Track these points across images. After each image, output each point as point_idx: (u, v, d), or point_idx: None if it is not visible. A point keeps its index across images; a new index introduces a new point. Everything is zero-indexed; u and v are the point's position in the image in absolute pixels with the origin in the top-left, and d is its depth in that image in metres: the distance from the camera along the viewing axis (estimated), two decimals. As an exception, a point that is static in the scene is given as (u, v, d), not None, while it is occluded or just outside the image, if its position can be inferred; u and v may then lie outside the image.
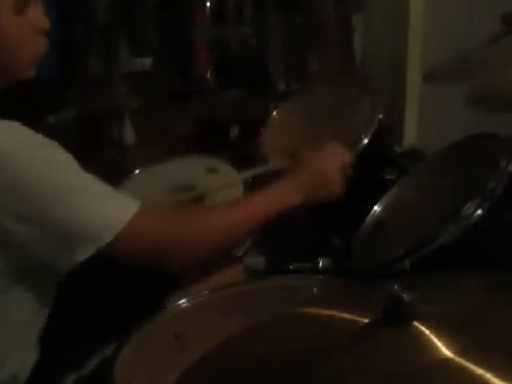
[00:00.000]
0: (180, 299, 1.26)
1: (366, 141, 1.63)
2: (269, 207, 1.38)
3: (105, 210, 1.19)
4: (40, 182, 1.15)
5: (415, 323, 0.72)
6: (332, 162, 1.48)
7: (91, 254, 1.17)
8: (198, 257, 1.30)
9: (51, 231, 1.17)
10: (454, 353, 0.68)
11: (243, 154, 1.94)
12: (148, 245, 1.23)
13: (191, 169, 1.83)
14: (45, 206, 1.16)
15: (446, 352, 0.68)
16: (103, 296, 1.28)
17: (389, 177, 1.64)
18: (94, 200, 1.19)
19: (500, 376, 0.64)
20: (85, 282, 1.24)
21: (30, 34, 1.23)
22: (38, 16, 1.23)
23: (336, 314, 0.84)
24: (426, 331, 0.71)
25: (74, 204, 1.17)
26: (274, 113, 1.90)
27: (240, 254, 1.60)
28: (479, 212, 1.23)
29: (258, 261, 1.60)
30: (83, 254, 1.17)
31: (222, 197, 1.66)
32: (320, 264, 1.49)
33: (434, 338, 0.70)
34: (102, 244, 1.17)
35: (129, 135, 2.51)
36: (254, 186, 1.69)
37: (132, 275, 1.39)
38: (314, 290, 1.29)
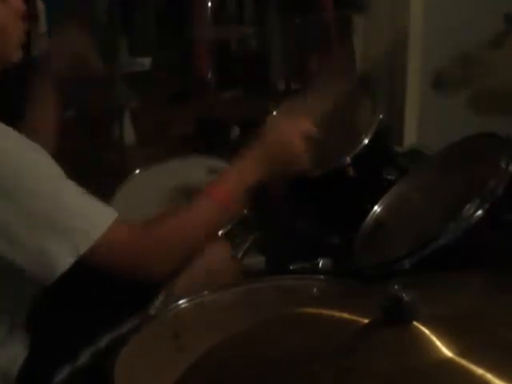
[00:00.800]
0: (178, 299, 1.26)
1: (366, 141, 1.63)
2: (234, 191, 1.35)
3: (83, 218, 1.18)
4: (20, 186, 1.14)
5: (415, 323, 0.71)
6: (294, 133, 1.42)
7: (68, 264, 1.16)
8: (176, 262, 1.29)
9: (28, 239, 1.15)
10: (454, 353, 0.68)
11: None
12: (126, 253, 1.22)
13: (191, 169, 1.83)
14: (23, 211, 1.14)
15: (446, 352, 0.68)
16: (96, 286, 1.27)
17: (389, 177, 1.64)
18: (71, 207, 1.18)
19: (500, 376, 0.64)
20: (76, 273, 1.23)
21: (12, 18, 1.25)
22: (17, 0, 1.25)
23: (336, 314, 0.84)
24: (426, 331, 0.71)
25: (52, 208, 1.16)
26: (274, 113, 1.90)
27: (240, 254, 1.60)
28: (479, 212, 1.23)
29: (257, 261, 1.60)
30: (61, 266, 1.16)
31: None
32: (320, 264, 1.49)
33: (434, 338, 0.70)
34: (78, 253, 1.16)
35: (129, 135, 2.51)
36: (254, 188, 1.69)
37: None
38: (314, 290, 1.29)
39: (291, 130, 1.43)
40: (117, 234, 1.20)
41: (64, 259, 1.16)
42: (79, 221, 1.17)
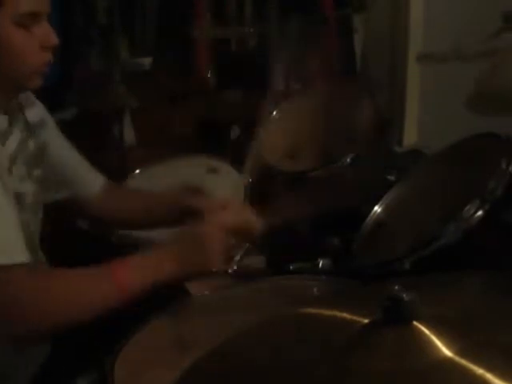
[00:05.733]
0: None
1: (366, 141, 1.63)
2: (136, 279, 1.21)
3: None
4: None
5: (415, 323, 0.72)
6: (216, 230, 1.28)
7: None
8: (58, 322, 1.18)
9: None
10: (454, 353, 0.68)
11: (243, 154, 1.94)
12: (17, 296, 1.15)
13: (191, 169, 1.84)
14: None
15: (446, 352, 0.68)
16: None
17: (389, 177, 1.64)
18: None
19: (500, 376, 0.65)
20: None
21: (32, 47, 1.23)
22: (46, 33, 1.24)
23: (336, 314, 0.84)
24: (426, 331, 0.71)
25: None
26: (274, 113, 1.90)
27: (239, 255, 1.60)
28: (479, 213, 1.23)
29: (258, 261, 1.60)
30: None
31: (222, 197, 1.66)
32: (320, 264, 1.49)
33: (434, 338, 0.70)
34: None
35: (129, 135, 2.51)
36: (254, 188, 1.69)
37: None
38: (314, 290, 1.29)
39: (213, 224, 1.30)
40: (17, 274, 1.15)
41: None
42: None
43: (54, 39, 1.25)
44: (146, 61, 2.64)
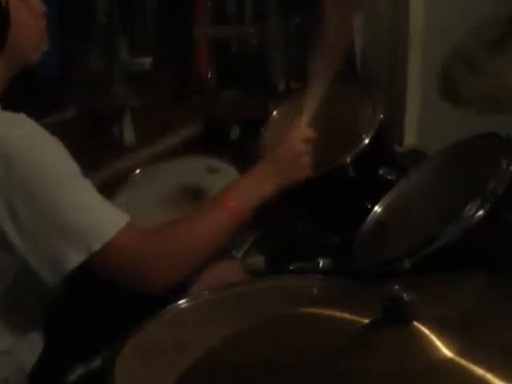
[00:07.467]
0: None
1: (366, 141, 1.63)
2: (244, 203, 1.36)
3: (96, 219, 1.19)
4: (38, 179, 1.15)
5: (415, 323, 0.71)
6: (296, 141, 1.49)
7: (79, 262, 1.16)
8: (185, 271, 1.28)
9: (41, 239, 1.16)
10: (455, 353, 0.68)
11: (243, 154, 1.94)
12: (134, 258, 1.22)
13: (191, 169, 1.83)
14: (40, 211, 1.15)
15: (446, 352, 0.68)
16: (111, 293, 1.28)
17: (389, 177, 1.64)
18: (86, 207, 1.18)
19: (500, 376, 0.64)
20: (92, 279, 1.23)
21: (32, 18, 1.26)
22: (35, 1, 1.26)
23: (336, 314, 0.84)
24: (426, 331, 0.71)
25: (68, 208, 1.16)
26: (274, 113, 1.90)
27: (240, 254, 1.60)
28: (480, 213, 1.23)
29: (258, 261, 1.60)
30: (71, 265, 1.16)
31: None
32: (320, 264, 1.49)
33: (434, 338, 0.70)
34: (89, 251, 1.16)
35: (129, 135, 2.51)
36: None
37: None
38: (314, 290, 1.29)
39: (292, 138, 1.50)
40: (128, 236, 1.20)
41: (75, 258, 1.16)
42: (93, 222, 1.18)
43: (42, 5, 1.28)
44: (146, 61, 2.64)
